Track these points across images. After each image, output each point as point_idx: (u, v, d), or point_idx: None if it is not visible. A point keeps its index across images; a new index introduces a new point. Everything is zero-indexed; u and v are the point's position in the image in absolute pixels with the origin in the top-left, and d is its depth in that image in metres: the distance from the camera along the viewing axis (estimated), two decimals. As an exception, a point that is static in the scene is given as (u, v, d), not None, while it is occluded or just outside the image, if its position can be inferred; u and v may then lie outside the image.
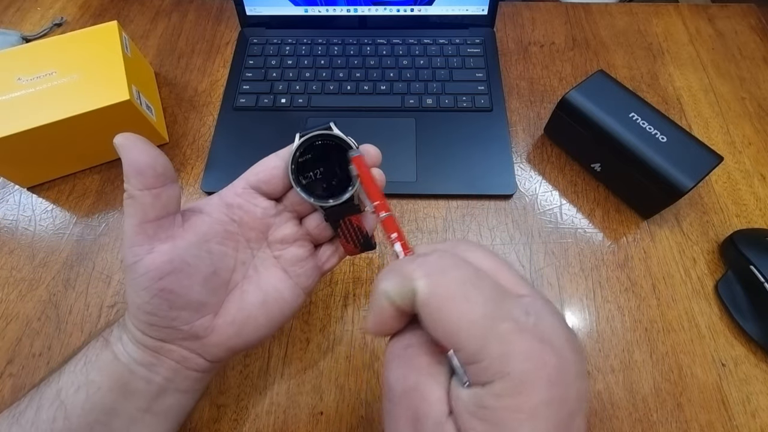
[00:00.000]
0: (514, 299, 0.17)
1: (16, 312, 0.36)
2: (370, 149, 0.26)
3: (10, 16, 0.55)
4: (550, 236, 0.40)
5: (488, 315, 0.16)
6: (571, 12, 0.56)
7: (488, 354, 0.16)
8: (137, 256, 0.22)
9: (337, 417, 0.32)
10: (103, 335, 0.25)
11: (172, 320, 0.23)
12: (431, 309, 0.17)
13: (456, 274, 0.17)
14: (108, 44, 0.42)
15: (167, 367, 0.24)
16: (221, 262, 0.25)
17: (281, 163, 0.26)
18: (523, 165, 0.44)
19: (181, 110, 0.47)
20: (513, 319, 0.16)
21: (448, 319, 0.16)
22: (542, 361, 0.16)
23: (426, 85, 0.47)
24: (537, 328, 0.16)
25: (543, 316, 0.17)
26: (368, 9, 0.51)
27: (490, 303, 0.16)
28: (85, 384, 0.23)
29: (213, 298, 0.25)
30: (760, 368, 0.34)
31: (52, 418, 0.23)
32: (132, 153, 0.22)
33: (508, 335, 0.16)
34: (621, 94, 0.40)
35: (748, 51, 0.52)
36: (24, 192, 0.43)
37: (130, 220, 0.22)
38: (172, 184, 0.23)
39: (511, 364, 0.15)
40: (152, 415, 0.24)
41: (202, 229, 0.24)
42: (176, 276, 0.23)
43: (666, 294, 0.37)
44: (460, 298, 0.17)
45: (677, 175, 0.36)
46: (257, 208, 0.26)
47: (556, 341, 0.16)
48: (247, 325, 0.25)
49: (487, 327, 0.16)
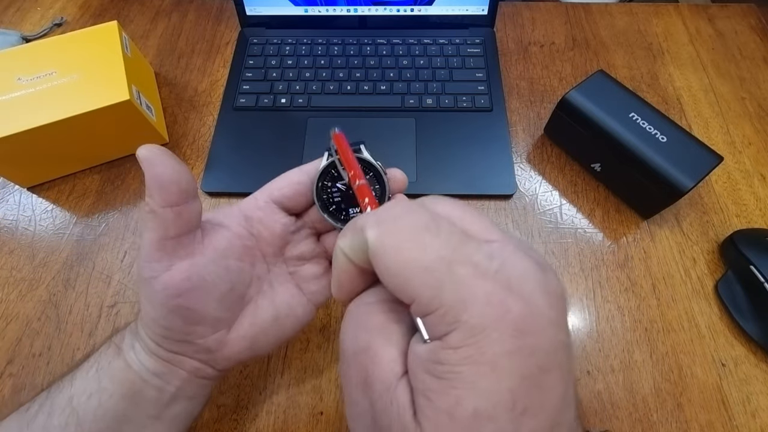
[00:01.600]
0: (477, 244, 0.16)
1: (16, 312, 0.36)
2: (397, 174, 0.25)
3: (10, 16, 0.55)
4: (550, 236, 0.40)
5: (443, 259, 0.15)
6: (571, 12, 0.56)
7: (443, 301, 0.14)
8: (155, 271, 0.22)
9: (337, 417, 0.32)
10: (115, 342, 0.25)
11: (187, 335, 0.23)
12: (382, 258, 0.16)
13: (409, 220, 0.16)
14: (108, 44, 0.42)
15: (179, 376, 0.24)
16: (238, 278, 0.24)
17: (306, 179, 0.25)
18: (523, 165, 0.44)
19: (181, 110, 0.47)
20: (473, 263, 0.15)
21: (399, 266, 0.15)
22: (504, 306, 0.14)
23: (426, 85, 0.47)
24: (501, 274, 0.15)
25: (511, 261, 0.15)
26: (368, 9, 0.51)
27: (446, 247, 0.15)
28: (97, 391, 0.23)
29: (228, 313, 0.24)
30: (760, 368, 0.34)
31: (64, 424, 0.23)
32: (156, 168, 0.21)
33: (465, 279, 0.14)
34: (621, 94, 0.40)
35: (748, 51, 0.52)
36: (24, 192, 0.43)
37: (149, 235, 0.21)
38: (194, 200, 0.22)
39: (468, 311, 0.14)
40: (162, 422, 0.25)
41: (221, 245, 0.24)
42: (194, 293, 0.22)
43: (666, 294, 0.37)
44: (412, 243, 0.15)
45: (677, 175, 0.36)
46: (277, 224, 0.25)
47: (524, 287, 0.15)
48: (258, 340, 0.25)
49: (442, 272, 0.14)
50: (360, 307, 0.18)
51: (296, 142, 0.44)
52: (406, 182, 0.25)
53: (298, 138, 0.44)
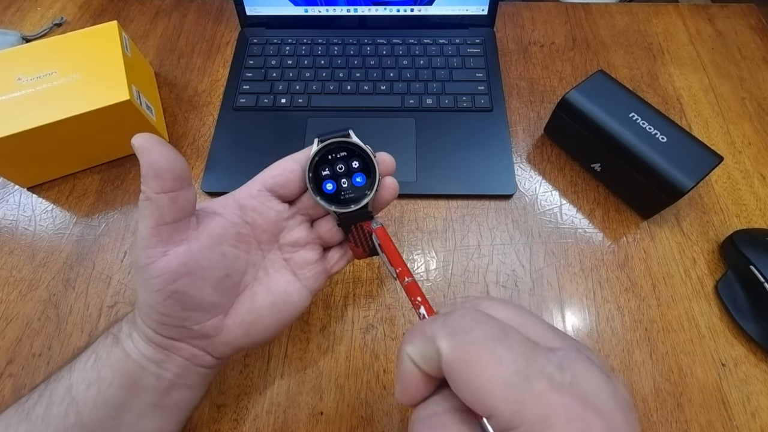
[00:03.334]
0: (545, 353, 0.16)
1: (16, 312, 0.36)
2: (386, 158, 0.26)
3: (10, 16, 0.55)
4: (550, 236, 0.40)
5: (521, 373, 0.15)
6: (571, 12, 0.56)
7: (526, 418, 0.14)
8: (151, 257, 0.22)
9: (337, 417, 0.32)
10: (112, 332, 0.25)
11: (183, 320, 0.24)
12: (458, 370, 0.15)
13: (481, 331, 0.16)
14: (108, 44, 0.42)
15: (177, 363, 0.25)
16: (233, 264, 0.25)
17: (298, 166, 0.26)
18: (523, 165, 0.44)
19: (181, 110, 0.47)
20: (547, 376, 0.15)
21: (477, 380, 0.15)
22: (586, 423, 0.14)
23: (426, 85, 0.47)
24: (575, 386, 0.15)
25: (581, 370, 0.15)
26: (368, 9, 0.51)
27: (521, 359, 0.15)
28: (96, 380, 0.23)
29: (224, 299, 0.25)
30: (760, 368, 0.34)
31: (64, 414, 0.23)
32: (151, 155, 0.21)
33: (545, 395, 0.14)
34: (621, 94, 0.40)
35: (748, 51, 0.52)
36: (24, 192, 0.43)
37: (145, 222, 0.22)
38: (188, 186, 0.23)
39: (551, 429, 0.14)
40: (161, 410, 0.25)
41: (216, 232, 0.24)
42: (190, 278, 0.23)
43: (666, 294, 0.37)
44: (487, 356, 0.15)
45: (677, 175, 0.36)
46: (271, 211, 0.26)
47: (599, 400, 0.15)
48: (255, 326, 0.26)
49: (521, 387, 0.14)
50: (431, 417, 0.17)
51: (296, 142, 0.44)
52: (394, 165, 0.26)
53: (298, 138, 0.44)
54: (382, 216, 0.41)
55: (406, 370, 0.17)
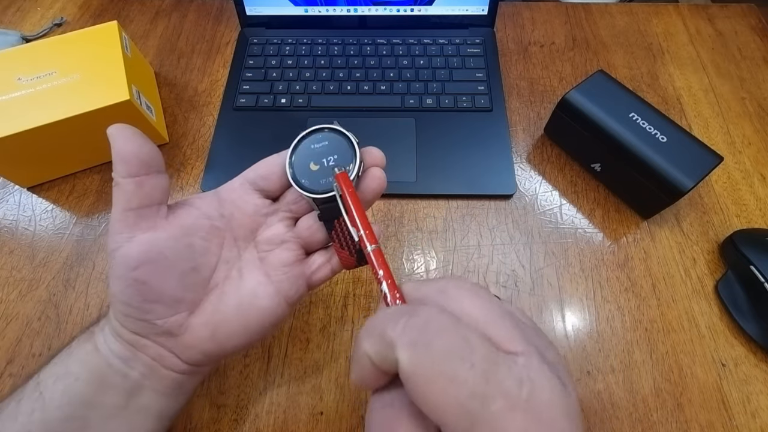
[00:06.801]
0: (506, 363, 0.16)
1: (16, 312, 0.36)
2: (374, 150, 0.25)
3: (10, 16, 0.55)
4: (550, 236, 0.40)
5: (477, 396, 0.15)
6: (571, 12, 0.56)
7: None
8: (117, 243, 0.22)
9: (337, 417, 0.32)
10: (91, 327, 0.25)
11: (145, 313, 0.23)
12: (415, 385, 0.16)
13: (443, 344, 0.16)
14: (108, 44, 0.42)
15: (143, 362, 0.24)
16: (203, 258, 0.24)
17: (281, 160, 0.25)
18: (523, 165, 0.44)
19: (181, 110, 0.47)
20: (504, 394, 0.15)
21: (432, 398, 0.15)
22: None
23: (426, 85, 0.47)
24: (531, 402, 0.15)
25: (539, 382, 0.16)
26: (368, 9, 0.51)
27: (480, 380, 0.15)
28: (64, 375, 0.23)
29: (189, 294, 0.24)
30: (760, 368, 0.34)
31: (31, 410, 0.22)
32: (118, 141, 0.22)
33: (499, 415, 0.15)
34: (621, 94, 0.40)
35: (748, 51, 0.52)
36: (24, 192, 0.43)
37: (114, 208, 0.22)
38: (158, 174, 0.23)
39: None
40: (129, 413, 0.24)
41: (186, 222, 0.24)
42: (151, 267, 0.22)
43: (666, 294, 0.37)
44: (446, 376, 0.15)
45: (677, 175, 0.36)
46: (249, 204, 0.25)
47: (552, 416, 0.15)
48: (220, 329, 0.24)
49: (476, 410, 0.15)
50: (386, 409, 0.18)
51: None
52: (383, 158, 0.26)
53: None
54: (382, 216, 0.41)
55: (363, 365, 0.17)
